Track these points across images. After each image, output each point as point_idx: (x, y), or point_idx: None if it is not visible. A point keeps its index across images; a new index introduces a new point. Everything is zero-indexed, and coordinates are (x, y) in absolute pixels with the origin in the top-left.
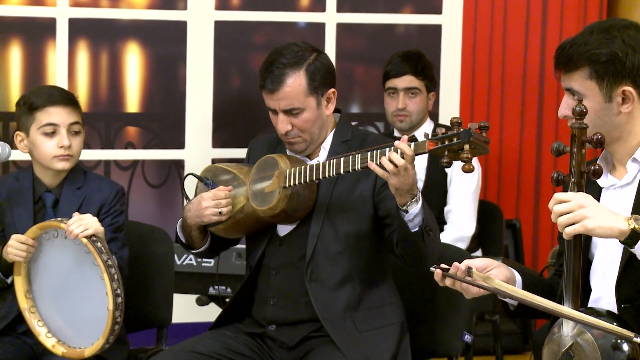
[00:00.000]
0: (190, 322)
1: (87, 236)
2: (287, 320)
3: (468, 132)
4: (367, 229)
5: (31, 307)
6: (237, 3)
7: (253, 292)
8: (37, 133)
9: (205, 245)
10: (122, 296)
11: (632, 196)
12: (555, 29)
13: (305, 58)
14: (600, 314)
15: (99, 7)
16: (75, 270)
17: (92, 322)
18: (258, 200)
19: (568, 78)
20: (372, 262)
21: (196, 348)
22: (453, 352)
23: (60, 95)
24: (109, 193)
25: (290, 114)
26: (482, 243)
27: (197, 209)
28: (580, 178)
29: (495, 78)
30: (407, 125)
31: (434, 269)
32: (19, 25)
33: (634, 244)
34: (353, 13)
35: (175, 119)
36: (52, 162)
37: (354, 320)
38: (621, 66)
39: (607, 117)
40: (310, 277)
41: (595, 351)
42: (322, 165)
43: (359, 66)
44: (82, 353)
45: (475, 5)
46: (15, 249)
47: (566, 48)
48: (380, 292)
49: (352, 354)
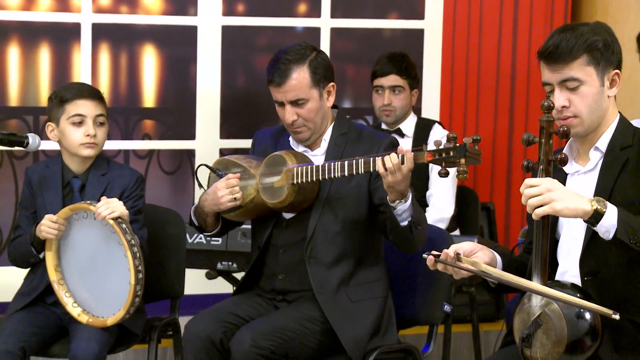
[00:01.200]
0: (201, 294)
1: (114, 218)
2: (293, 290)
3: (464, 147)
4: (362, 214)
5: (60, 279)
6: (242, 10)
7: (262, 268)
8: (67, 123)
9: (217, 228)
10: (142, 272)
11: (594, 181)
12: (525, 33)
13: (307, 55)
14: (565, 286)
15: (119, 13)
16: (101, 248)
17: (114, 294)
18: (268, 193)
19: (568, 69)
20: (366, 243)
21: (234, 310)
22: (434, 321)
23: (88, 90)
24: (130, 179)
25: (296, 104)
26: (460, 224)
27: (214, 199)
28: (548, 165)
29: (471, 76)
30: (393, 119)
31: (426, 256)
32: (47, 30)
33: (596, 222)
34: (345, 19)
35: (186, 113)
36: (79, 149)
37: (347, 293)
38: (611, 52)
39: (600, 101)
40: (309, 254)
41: (560, 320)
42: (327, 166)
43: (350, 66)
44: (105, 322)
45: (454, 11)
46: (47, 227)
47: (563, 42)
48: (371, 270)
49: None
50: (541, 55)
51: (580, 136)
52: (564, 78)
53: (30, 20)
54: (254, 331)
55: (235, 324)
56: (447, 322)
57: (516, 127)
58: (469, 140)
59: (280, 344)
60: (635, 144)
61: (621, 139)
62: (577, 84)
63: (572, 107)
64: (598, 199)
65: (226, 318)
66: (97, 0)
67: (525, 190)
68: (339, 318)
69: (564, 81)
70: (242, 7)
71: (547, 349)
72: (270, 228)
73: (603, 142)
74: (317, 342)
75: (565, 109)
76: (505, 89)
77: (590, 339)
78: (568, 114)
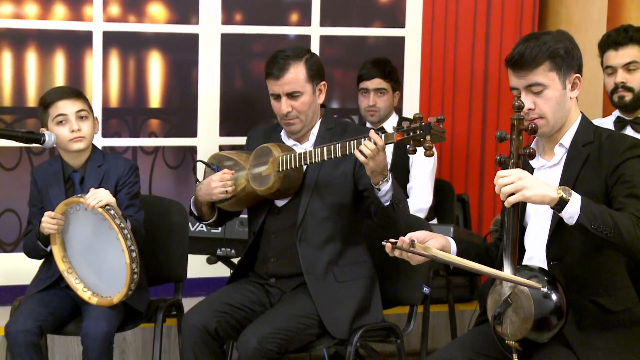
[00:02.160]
0: (202, 277)
1: (102, 206)
2: (284, 274)
3: (429, 125)
4: (348, 200)
5: (68, 268)
6: (240, 19)
7: (256, 253)
8: (53, 124)
9: (213, 217)
10: (136, 251)
11: (558, 174)
12: (496, 40)
13: (303, 53)
14: (533, 270)
15: (128, 22)
16: (98, 235)
17: (116, 274)
18: (257, 182)
19: (532, 74)
20: (351, 226)
21: (225, 299)
22: (414, 301)
23: (64, 90)
24: (124, 168)
25: (292, 97)
26: (438, 213)
27: (207, 189)
28: (518, 159)
29: (448, 79)
30: (377, 119)
31: (385, 243)
32: (62, 37)
33: (561, 209)
34: (333, 27)
35: (189, 112)
36: (69, 144)
37: (334, 273)
38: (572, 58)
39: (564, 103)
40: (300, 237)
41: (528, 299)
42: (309, 152)
43: (338, 70)
44: (111, 301)
45: (432, 21)
46: (47, 224)
47: (527, 50)
48: (356, 251)
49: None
50: (508, 63)
51: (546, 135)
52: (529, 83)
53: (46, 29)
54: (259, 335)
55: (228, 312)
56: (426, 303)
57: (488, 126)
58: (433, 119)
59: (282, 344)
60: (596, 140)
61: (583, 136)
62: (541, 88)
63: (537, 109)
64: (564, 188)
65: (220, 308)
66: (107, 10)
67: (498, 180)
68: (325, 300)
69: (529, 86)
70: (240, 16)
71: (516, 326)
72: (263, 215)
73: (567, 139)
74: (314, 333)
75: (532, 111)
76: (478, 90)
77: (555, 318)
78: (534, 115)
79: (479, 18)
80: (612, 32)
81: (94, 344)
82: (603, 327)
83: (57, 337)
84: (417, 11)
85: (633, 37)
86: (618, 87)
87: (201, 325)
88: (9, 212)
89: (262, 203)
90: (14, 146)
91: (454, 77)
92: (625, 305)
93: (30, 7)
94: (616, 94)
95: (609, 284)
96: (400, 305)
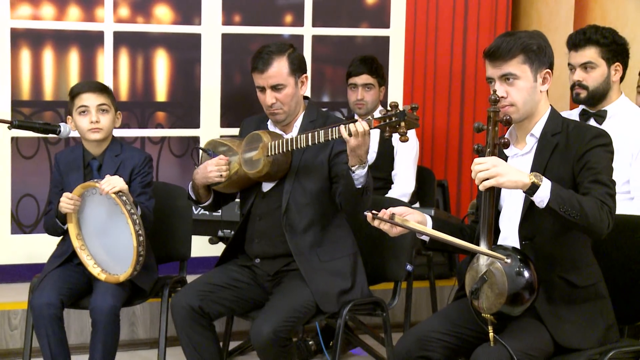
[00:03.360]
0: (204, 256)
1: (115, 192)
2: (267, 254)
3: (403, 112)
4: (325, 186)
5: (81, 245)
6: (239, 20)
7: (244, 234)
8: (76, 114)
9: (209, 200)
10: (143, 235)
11: (530, 162)
12: (473, 39)
13: (286, 49)
14: (507, 249)
15: (136, 23)
16: (110, 218)
17: (124, 255)
18: (248, 165)
19: (506, 65)
20: (329, 209)
21: (210, 280)
22: (398, 278)
23: (90, 84)
24: (139, 159)
25: (275, 89)
26: (420, 198)
27: (204, 173)
28: (494, 148)
29: (429, 75)
30: (364, 111)
31: (367, 213)
32: (76, 36)
33: (533, 193)
34: (324, 27)
35: (192, 105)
36: (87, 134)
37: (318, 253)
38: (544, 55)
39: (534, 94)
40: (285, 224)
41: (502, 276)
42: (294, 139)
43: (329, 67)
44: (118, 278)
45: (415, 22)
46: (65, 204)
47: (503, 44)
48: (337, 231)
49: (313, 282)
50: (486, 54)
51: (516, 122)
52: (503, 73)
53: (61, 29)
54: (271, 324)
55: (210, 290)
56: (409, 279)
57: (465, 117)
58: (407, 107)
59: (291, 330)
60: (564, 130)
61: (552, 127)
62: (513, 79)
63: (509, 98)
64: (535, 174)
65: (202, 288)
66: (117, 12)
67: (475, 167)
68: (314, 278)
69: (503, 76)
70: (239, 17)
71: (491, 300)
72: (252, 199)
73: (537, 129)
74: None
75: (504, 98)
76: (456, 85)
77: (527, 293)
78: (506, 103)
79: (457, 19)
80: (574, 34)
81: (101, 317)
82: (570, 301)
83: (72, 311)
84: (400, 13)
85: (590, 39)
86: (575, 85)
87: (187, 305)
88: (28, 196)
89: (253, 187)
90: (33, 136)
91: (434, 73)
92: (590, 280)
93: (46, 9)
94: (574, 91)
95: (575, 261)
96: (386, 282)
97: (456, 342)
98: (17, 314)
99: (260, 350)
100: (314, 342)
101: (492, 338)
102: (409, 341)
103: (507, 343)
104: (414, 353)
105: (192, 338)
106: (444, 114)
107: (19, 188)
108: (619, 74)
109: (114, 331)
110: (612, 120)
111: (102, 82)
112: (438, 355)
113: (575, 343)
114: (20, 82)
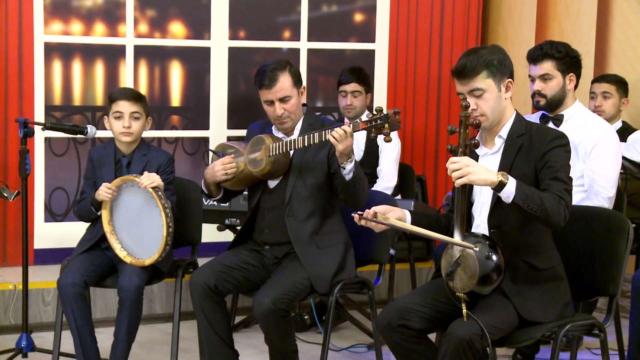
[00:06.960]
0: (213, 242)
1: (153, 187)
2: (276, 242)
3: (387, 116)
4: (324, 182)
5: (112, 230)
6: (243, 35)
7: (253, 224)
8: (112, 117)
9: (220, 195)
10: (172, 227)
11: (498, 161)
12: (448, 52)
13: (285, 65)
14: (478, 236)
15: (154, 37)
16: (143, 209)
17: (151, 243)
18: (252, 165)
19: (473, 82)
20: (327, 202)
21: (224, 262)
22: (383, 261)
23: (127, 93)
24: (164, 159)
25: (283, 101)
26: (401, 191)
27: (212, 172)
28: (465, 148)
29: (409, 84)
30: (353, 115)
31: (354, 215)
32: (101, 50)
33: (500, 190)
34: (318, 42)
35: (203, 110)
36: (119, 136)
37: (316, 241)
38: (504, 66)
39: (500, 103)
40: (287, 213)
41: (474, 260)
42: (293, 140)
43: (322, 76)
44: (144, 262)
45: (397, 37)
46: (103, 192)
47: (467, 63)
48: (333, 222)
49: (309, 265)
50: (454, 74)
51: (487, 129)
52: (471, 89)
53: (89, 43)
54: (272, 296)
55: (225, 272)
56: (392, 262)
57: (441, 120)
58: (390, 111)
59: (289, 303)
60: (527, 132)
61: (517, 129)
62: (481, 92)
63: (479, 109)
64: (503, 173)
65: (218, 268)
66: (137, 28)
67: (450, 166)
68: (310, 262)
69: (471, 91)
70: (243, 33)
71: (464, 281)
72: (259, 194)
73: (504, 131)
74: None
75: (474, 110)
76: (433, 92)
77: (496, 274)
78: (477, 114)
79: (434, 35)
80: (532, 49)
81: (128, 295)
82: (533, 281)
83: (97, 290)
84: (384, 29)
85: (547, 53)
86: (535, 94)
87: (203, 283)
88: (59, 189)
89: (258, 184)
90: (63, 137)
91: (414, 82)
92: (550, 263)
93: (75, 25)
94: (534, 99)
95: (537, 247)
96: (372, 264)
97: (433, 314)
98: (49, 292)
99: (261, 320)
100: (309, 316)
101: (465, 314)
102: (390, 312)
103: (478, 318)
104: (395, 322)
105: (207, 312)
106: (423, 117)
107: (51, 182)
108: (573, 83)
109: (138, 308)
110: (568, 123)
111: (138, 91)
112: (415, 324)
113: (537, 317)
114: (52, 89)
